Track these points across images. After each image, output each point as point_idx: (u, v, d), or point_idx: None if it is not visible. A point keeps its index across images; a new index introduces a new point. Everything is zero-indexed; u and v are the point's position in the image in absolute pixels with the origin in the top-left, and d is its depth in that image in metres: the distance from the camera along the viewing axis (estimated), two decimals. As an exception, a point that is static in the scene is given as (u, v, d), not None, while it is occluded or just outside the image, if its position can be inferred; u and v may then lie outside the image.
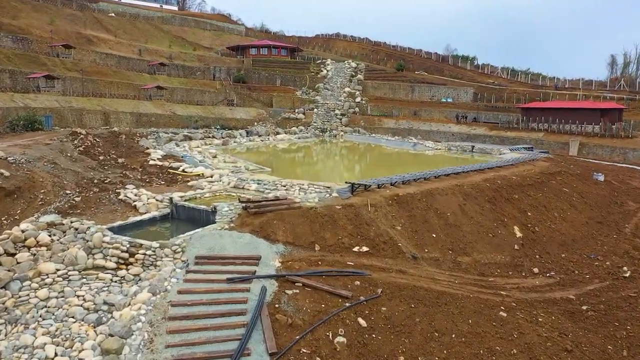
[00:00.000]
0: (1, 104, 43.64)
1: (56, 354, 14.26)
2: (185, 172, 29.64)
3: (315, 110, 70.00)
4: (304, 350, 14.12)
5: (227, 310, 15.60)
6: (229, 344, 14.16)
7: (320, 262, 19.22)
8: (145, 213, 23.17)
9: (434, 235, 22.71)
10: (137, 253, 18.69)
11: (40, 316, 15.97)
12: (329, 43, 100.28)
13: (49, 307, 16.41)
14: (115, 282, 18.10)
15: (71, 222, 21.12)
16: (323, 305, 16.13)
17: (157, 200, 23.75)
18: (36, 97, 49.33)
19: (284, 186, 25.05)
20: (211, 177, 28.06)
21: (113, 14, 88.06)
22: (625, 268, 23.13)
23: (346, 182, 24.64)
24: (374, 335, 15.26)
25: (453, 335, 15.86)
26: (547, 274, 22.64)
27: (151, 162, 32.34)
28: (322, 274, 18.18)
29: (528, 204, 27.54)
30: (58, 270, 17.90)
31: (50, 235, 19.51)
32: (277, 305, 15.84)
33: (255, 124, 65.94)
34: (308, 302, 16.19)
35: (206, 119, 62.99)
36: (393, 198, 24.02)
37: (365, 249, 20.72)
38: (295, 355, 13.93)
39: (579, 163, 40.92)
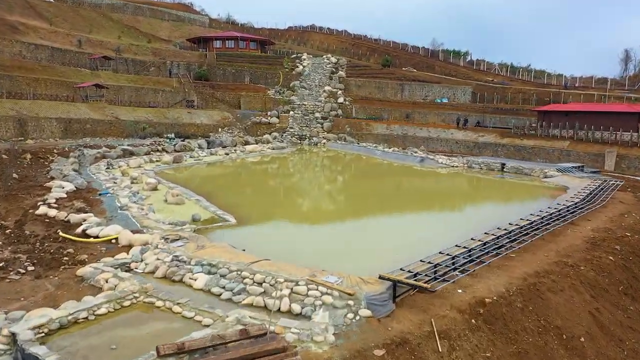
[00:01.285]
0: None
1: None
2: (88, 235, 16.76)
3: (292, 112, 57.39)
4: None
5: None
6: None
7: None
8: (-41, 366, 10.34)
9: (575, 401, 10.69)
10: None
11: None
12: (303, 36, 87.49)
13: None
14: None
15: None
16: None
17: (-10, 330, 10.90)
18: None
19: (260, 284, 12.53)
20: (128, 250, 15.27)
21: (52, -1, 73.15)
22: None
23: (380, 277, 12.31)
24: None
25: None
26: None
27: (40, 211, 19.21)
28: None
29: (675, 288, 15.81)
30: None
31: None
32: None
33: (220, 130, 52.84)
34: None
35: (158, 125, 49.54)
36: (476, 311, 11.83)
37: None
38: None
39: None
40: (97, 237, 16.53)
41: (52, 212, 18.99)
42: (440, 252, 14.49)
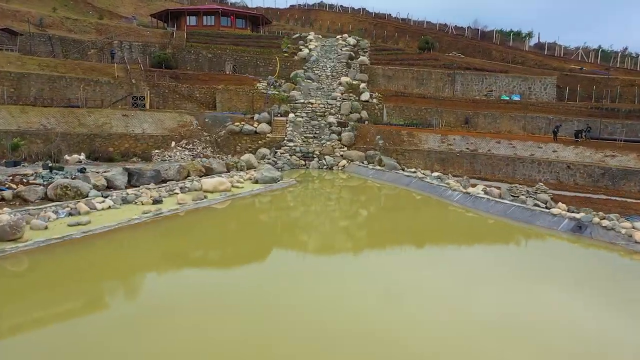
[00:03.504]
0: None
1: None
2: None
3: (292, 115, 35.52)
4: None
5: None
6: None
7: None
8: None
9: None
10: None
11: None
12: (309, 15, 65.44)
13: None
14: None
15: None
16: None
17: None
18: None
19: None
20: None
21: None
22: None
23: None
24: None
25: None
26: None
27: None
28: None
29: None
30: None
31: None
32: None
33: (174, 144, 31.11)
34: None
35: (63, 139, 27.96)
36: None
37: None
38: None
39: None
40: None
41: None
42: None
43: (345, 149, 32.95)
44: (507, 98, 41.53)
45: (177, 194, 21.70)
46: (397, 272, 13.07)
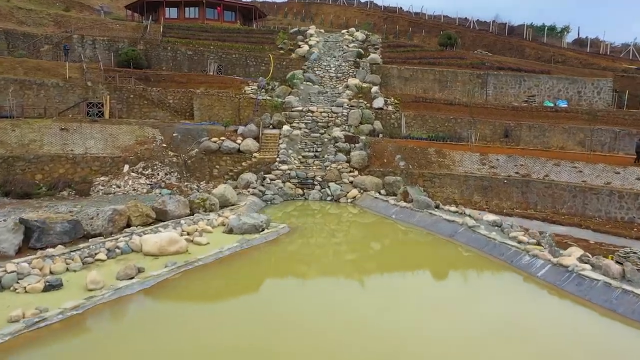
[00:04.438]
0: None
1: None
2: None
3: (287, 128, 27.38)
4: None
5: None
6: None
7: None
8: None
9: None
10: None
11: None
12: (309, 9, 57.28)
13: None
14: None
15: None
16: None
17: None
18: None
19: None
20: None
21: None
22: None
23: None
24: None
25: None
26: None
27: None
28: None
29: None
30: None
31: None
32: None
33: (126, 168, 22.99)
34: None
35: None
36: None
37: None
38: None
39: None
40: None
41: None
42: None
43: (356, 173, 24.84)
44: (552, 104, 33.44)
45: (102, 260, 13.70)
46: None
